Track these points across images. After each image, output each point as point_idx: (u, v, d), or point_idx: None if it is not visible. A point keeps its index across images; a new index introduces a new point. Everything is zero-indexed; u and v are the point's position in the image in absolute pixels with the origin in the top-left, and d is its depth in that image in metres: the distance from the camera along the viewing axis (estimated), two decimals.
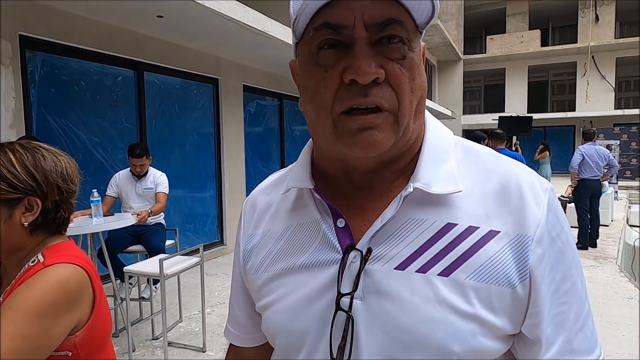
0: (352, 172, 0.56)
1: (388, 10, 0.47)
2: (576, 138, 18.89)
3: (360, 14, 0.46)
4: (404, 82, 0.48)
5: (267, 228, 0.63)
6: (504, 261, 0.49)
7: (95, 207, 3.00)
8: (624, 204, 10.20)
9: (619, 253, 5.90)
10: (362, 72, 0.46)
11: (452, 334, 0.48)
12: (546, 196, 0.52)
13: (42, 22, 3.56)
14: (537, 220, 0.50)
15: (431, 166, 0.53)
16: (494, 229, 0.50)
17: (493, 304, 0.49)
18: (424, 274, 0.50)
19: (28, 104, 3.53)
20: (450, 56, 17.49)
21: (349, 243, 0.53)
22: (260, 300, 0.60)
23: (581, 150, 5.90)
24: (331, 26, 0.47)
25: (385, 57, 0.48)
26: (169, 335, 3.15)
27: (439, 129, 0.58)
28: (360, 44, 0.47)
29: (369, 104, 0.47)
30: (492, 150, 0.58)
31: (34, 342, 0.75)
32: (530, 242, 0.49)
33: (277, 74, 6.75)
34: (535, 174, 0.55)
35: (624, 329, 3.37)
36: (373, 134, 0.48)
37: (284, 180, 0.65)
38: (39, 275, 0.82)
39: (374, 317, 0.50)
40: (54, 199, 0.91)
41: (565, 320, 0.52)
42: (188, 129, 5.34)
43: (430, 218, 0.52)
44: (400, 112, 0.49)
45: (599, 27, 18.65)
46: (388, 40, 0.48)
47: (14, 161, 0.86)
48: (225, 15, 3.89)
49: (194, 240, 5.32)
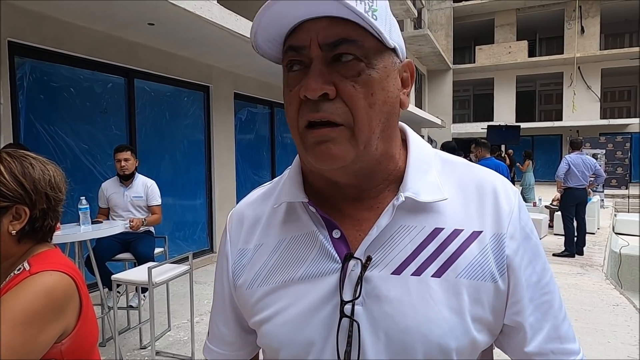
0: (338, 185, 0.58)
1: (342, 30, 0.50)
2: (563, 147, 19.19)
3: (315, 35, 0.50)
4: (357, 98, 0.51)
5: (259, 242, 0.63)
6: (486, 258, 0.54)
7: (83, 214, 2.97)
8: (610, 212, 10.36)
9: (605, 260, 5.98)
10: (310, 88, 0.50)
11: (448, 331, 0.51)
12: (516, 198, 0.58)
13: (33, 29, 3.55)
14: (508, 219, 0.56)
15: (418, 177, 0.57)
16: (476, 229, 0.55)
17: (481, 299, 0.53)
18: (419, 277, 0.53)
19: (16, 111, 3.50)
20: (440, 66, 17.73)
21: (347, 252, 0.55)
22: (257, 315, 0.59)
23: (567, 160, 5.99)
24: (294, 48, 0.52)
25: (340, 75, 0.51)
26: (157, 345, 3.11)
27: (420, 143, 0.62)
28: (314, 63, 0.51)
29: (319, 118, 0.51)
30: (465, 161, 0.63)
31: (20, 350, 0.75)
32: (505, 238, 0.55)
33: (268, 81, 6.78)
34: (504, 179, 0.60)
35: (609, 335, 3.41)
36: (328, 147, 0.51)
37: (270, 194, 0.66)
38: (24, 283, 0.81)
39: (376, 321, 0.53)
40: (42, 207, 0.91)
41: (550, 308, 0.57)
42: (178, 136, 5.33)
43: (419, 224, 0.56)
44: (357, 126, 0.51)
45: (584, 38, 19.06)
46: (339, 58, 0.50)
47: (2, 170, 0.86)
48: (217, 23, 3.92)
49: (183, 248, 5.28)
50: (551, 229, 7.79)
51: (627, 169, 13.96)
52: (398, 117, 0.57)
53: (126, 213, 3.55)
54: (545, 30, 21.44)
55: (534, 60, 19.79)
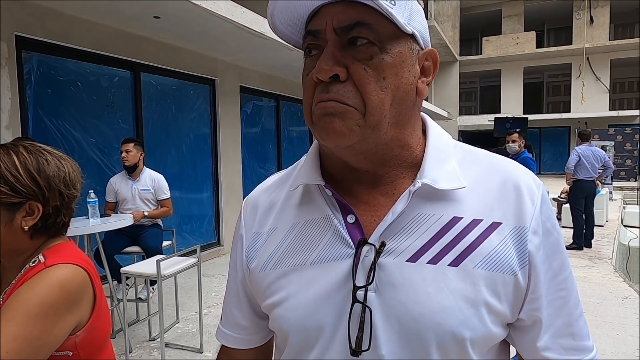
0: (353, 169, 0.58)
1: (357, 14, 0.50)
2: (571, 139, 19.01)
3: (331, 19, 0.51)
4: (367, 81, 0.51)
5: (273, 226, 0.63)
6: (506, 250, 0.53)
7: (92, 208, 2.99)
8: (619, 205, 10.27)
9: (614, 253, 5.94)
10: (320, 69, 0.51)
11: (463, 321, 0.51)
12: (539, 192, 0.57)
13: (39, 23, 3.56)
14: (531, 213, 0.55)
15: (435, 165, 0.56)
16: (496, 220, 0.54)
17: (499, 291, 0.52)
18: (435, 265, 0.52)
19: (24, 105, 3.52)
20: (446, 57, 17.56)
21: (361, 238, 0.55)
22: (269, 299, 0.59)
23: (578, 152, 5.93)
24: (311, 33, 0.54)
25: (352, 58, 0.51)
26: (166, 336, 3.14)
27: (439, 132, 0.62)
28: (327, 46, 0.52)
29: (329, 99, 0.51)
30: (488, 152, 0.62)
31: (35, 343, 0.75)
32: (528, 233, 0.54)
33: (274, 75, 6.75)
34: (529, 173, 0.59)
35: (618, 328, 3.39)
36: (333, 120, 0.51)
37: (286, 180, 0.66)
38: (40, 276, 0.82)
39: (389, 307, 0.52)
40: (55, 204, 0.90)
41: (565, 305, 0.56)
42: (185, 130, 5.34)
43: (437, 213, 0.55)
44: (367, 110, 0.51)
45: (593, 28, 18.78)
46: (353, 42, 0.51)
47: (18, 165, 0.86)
48: (223, 16, 3.90)
49: (190, 241, 5.31)
50: (559, 221, 7.74)
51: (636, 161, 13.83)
52: (415, 104, 0.56)
53: (134, 206, 3.57)
54: (554, 20, 21.15)
55: (541, 52, 19.55)
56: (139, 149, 3.57)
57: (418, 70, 0.56)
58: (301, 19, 0.54)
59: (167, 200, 3.66)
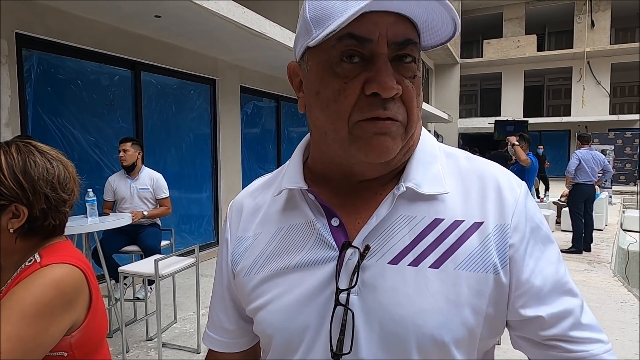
0: (347, 174, 0.58)
1: (408, 31, 0.51)
2: (571, 143, 19.01)
3: (385, 30, 0.49)
4: (413, 99, 0.53)
5: (257, 230, 0.63)
6: (488, 249, 0.53)
7: (90, 206, 2.98)
8: (618, 209, 10.27)
9: (613, 257, 5.94)
10: (387, 87, 0.49)
11: (443, 323, 0.50)
12: (520, 189, 0.57)
13: (40, 21, 3.55)
14: (512, 210, 0.54)
15: (420, 168, 0.57)
16: (477, 220, 0.54)
17: (482, 291, 0.52)
18: (416, 267, 0.52)
19: (24, 103, 3.51)
20: (447, 60, 17.57)
21: (345, 241, 0.55)
22: (253, 303, 0.59)
23: (578, 155, 5.94)
24: (356, 37, 0.49)
25: (401, 75, 0.51)
26: (163, 336, 3.13)
27: (426, 135, 0.62)
28: (383, 60, 0.50)
29: (387, 116, 0.51)
30: (468, 154, 0.63)
31: (30, 343, 0.75)
32: (509, 230, 0.53)
33: (275, 75, 6.75)
34: (507, 172, 0.60)
35: (617, 332, 3.39)
36: (386, 140, 0.52)
37: (271, 184, 0.66)
38: (35, 276, 0.81)
39: (370, 310, 0.52)
40: (42, 207, 0.88)
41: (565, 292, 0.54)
42: (185, 129, 5.33)
43: (419, 214, 0.55)
44: (409, 124, 0.53)
45: (594, 32, 18.79)
46: (402, 58, 0.51)
47: (4, 166, 0.84)
48: (224, 16, 3.89)
49: (189, 241, 5.30)
50: (558, 225, 7.74)
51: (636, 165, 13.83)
52: None
53: (132, 205, 3.56)
54: (555, 24, 21.17)
55: (542, 55, 19.56)
56: (137, 148, 3.55)
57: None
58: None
59: (166, 199, 3.66)
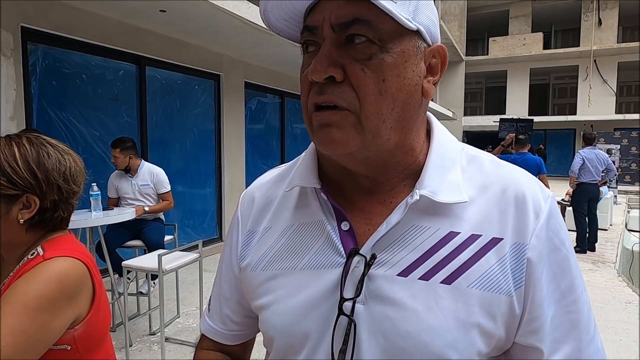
0: (351, 174, 0.56)
1: (356, 10, 0.46)
2: (576, 142, 18.89)
3: (329, 14, 0.48)
4: (365, 84, 0.47)
5: (267, 225, 0.62)
6: (504, 269, 0.49)
7: (94, 201, 2.99)
8: (623, 209, 10.21)
9: (618, 257, 5.90)
10: (315, 70, 0.47)
11: (451, 343, 0.48)
12: (547, 205, 0.52)
13: (45, 15, 3.55)
14: (532, 228, 0.50)
15: (437, 174, 0.53)
16: (497, 236, 0.51)
17: (494, 312, 0.49)
18: (427, 282, 0.50)
19: (29, 96, 3.52)
20: (452, 57, 17.48)
21: (352, 247, 0.53)
22: (258, 300, 0.58)
23: (582, 155, 5.90)
24: (309, 28, 0.50)
25: (350, 57, 0.48)
26: (166, 331, 3.14)
27: (445, 135, 0.58)
28: (324, 44, 0.48)
29: (324, 101, 0.49)
30: (495, 158, 0.58)
31: (32, 336, 0.74)
32: (527, 250, 0.50)
33: (279, 71, 6.73)
34: (537, 182, 0.55)
35: (621, 333, 3.37)
36: (331, 131, 0.49)
37: (285, 177, 0.64)
38: (38, 269, 0.81)
39: (375, 322, 0.50)
40: (53, 199, 0.88)
41: (574, 329, 0.52)
42: (189, 124, 5.33)
43: (433, 226, 0.52)
44: (363, 114, 0.48)
45: (601, 31, 18.63)
46: (352, 40, 0.48)
47: (17, 156, 0.84)
48: (229, 11, 3.88)
49: (192, 236, 5.31)
50: None
51: None
52: (420, 106, 0.53)
53: (135, 201, 3.57)
54: (562, 22, 21.01)
55: (548, 53, 19.43)
56: (127, 152, 3.48)
57: (424, 68, 0.51)
58: (299, 12, 0.51)
59: (167, 193, 3.66)
